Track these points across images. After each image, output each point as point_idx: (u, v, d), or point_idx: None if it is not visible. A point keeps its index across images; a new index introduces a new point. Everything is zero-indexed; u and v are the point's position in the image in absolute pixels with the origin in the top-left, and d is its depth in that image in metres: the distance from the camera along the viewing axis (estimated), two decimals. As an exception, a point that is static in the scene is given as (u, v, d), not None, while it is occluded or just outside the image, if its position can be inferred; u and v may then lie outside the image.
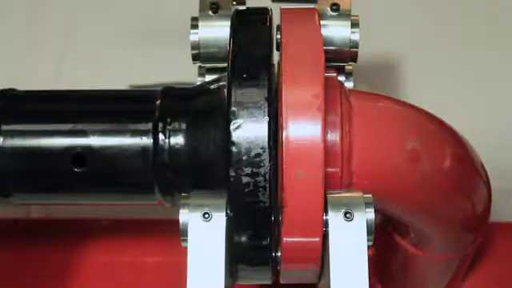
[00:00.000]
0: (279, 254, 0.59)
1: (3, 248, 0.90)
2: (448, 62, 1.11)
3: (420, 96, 1.04)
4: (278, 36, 0.61)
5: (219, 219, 0.56)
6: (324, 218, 0.57)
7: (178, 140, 0.60)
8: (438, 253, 0.78)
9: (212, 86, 0.62)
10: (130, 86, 0.98)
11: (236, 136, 0.56)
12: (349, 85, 0.65)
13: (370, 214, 0.57)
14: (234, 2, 0.67)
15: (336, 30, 0.64)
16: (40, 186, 0.62)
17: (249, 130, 0.56)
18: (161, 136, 0.60)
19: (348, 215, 0.57)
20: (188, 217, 0.56)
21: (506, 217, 0.96)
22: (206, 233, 0.56)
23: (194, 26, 0.65)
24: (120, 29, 1.13)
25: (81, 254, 0.91)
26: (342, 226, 0.56)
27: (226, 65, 0.59)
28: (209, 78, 0.66)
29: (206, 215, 0.56)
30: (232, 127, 0.56)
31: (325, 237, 0.57)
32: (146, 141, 0.60)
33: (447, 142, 0.68)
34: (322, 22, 0.62)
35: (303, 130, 0.56)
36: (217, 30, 0.65)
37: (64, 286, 0.90)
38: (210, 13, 0.65)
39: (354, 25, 0.64)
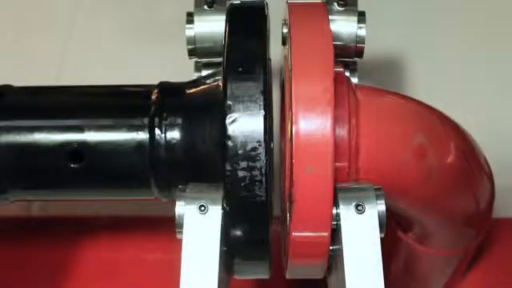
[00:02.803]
0: (285, 248, 0.59)
1: (3, 247, 0.90)
2: (449, 62, 1.11)
3: (420, 96, 1.04)
4: (285, 30, 0.61)
5: (215, 212, 0.56)
6: (335, 211, 0.57)
7: (175, 135, 0.60)
8: (441, 248, 0.79)
9: (208, 81, 0.62)
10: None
11: (232, 130, 0.56)
12: (353, 80, 0.65)
13: (381, 205, 0.57)
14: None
15: (342, 26, 0.64)
16: (36, 182, 0.62)
17: (244, 124, 0.56)
18: (157, 131, 0.60)
19: (359, 208, 0.56)
20: (184, 209, 0.56)
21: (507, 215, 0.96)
22: (201, 225, 0.56)
23: (190, 21, 0.65)
24: (121, 27, 1.13)
25: (81, 251, 0.91)
26: (354, 219, 0.56)
27: (222, 59, 0.59)
28: (205, 72, 0.66)
29: (202, 208, 0.56)
30: (228, 121, 0.56)
31: (336, 230, 0.57)
32: (143, 136, 0.60)
33: (453, 137, 0.69)
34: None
35: (313, 124, 0.56)
36: (212, 25, 0.65)
37: (65, 283, 0.90)
38: (206, 7, 0.65)
39: (361, 20, 0.64)
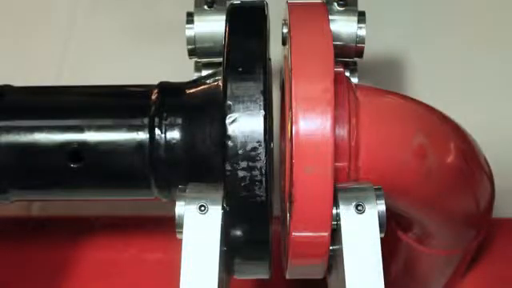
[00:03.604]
0: (285, 248, 0.59)
1: (3, 247, 0.90)
2: (449, 62, 1.11)
3: (420, 96, 1.04)
4: (285, 30, 0.61)
5: (215, 212, 0.56)
6: (335, 211, 0.57)
7: (174, 135, 0.60)
8: (441, 248, 0.78)
9: (208, 81, 0.62)
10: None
11: (232, 130, 0.56)
12: (353, 80, 0.65)
13: (381, 205, 0.57)
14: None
15: (342, 26, 0.64)
16: (36, 182, 0.62)
17: (244, 124, 0.56)
18: (157, 131, 0.60)
19: (359, 208, 0.56)
20: (184, 209, 0.56)
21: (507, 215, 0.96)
22: (201, 225, 0.56)
23: (190, 21, 0.65)
24: (121, 27, 1.13)
25: (81, 251, 0.91)
26: (354, 219, 0.56)
27: (222, 59, 0.59)
28: (205, 72, 0.66)
29: (202, 208, 0.56)
30: (227, 121, 0.56)
31: (336, 230, 0.57)
32: (143, 136, 0.60)
33: (453, 137, 0.69)
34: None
35: (313, 124, 0.56)
36: (212, 25, 0.65)
37: (64, 283, 0.90)
38: (206, 7, 0.65)
39: (361, 20, 0.64)
